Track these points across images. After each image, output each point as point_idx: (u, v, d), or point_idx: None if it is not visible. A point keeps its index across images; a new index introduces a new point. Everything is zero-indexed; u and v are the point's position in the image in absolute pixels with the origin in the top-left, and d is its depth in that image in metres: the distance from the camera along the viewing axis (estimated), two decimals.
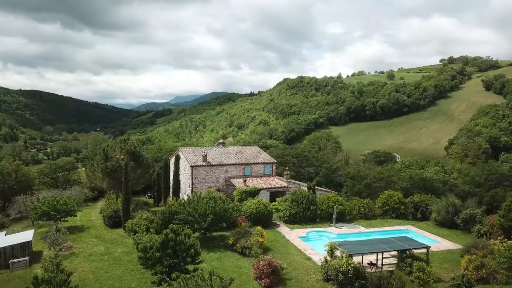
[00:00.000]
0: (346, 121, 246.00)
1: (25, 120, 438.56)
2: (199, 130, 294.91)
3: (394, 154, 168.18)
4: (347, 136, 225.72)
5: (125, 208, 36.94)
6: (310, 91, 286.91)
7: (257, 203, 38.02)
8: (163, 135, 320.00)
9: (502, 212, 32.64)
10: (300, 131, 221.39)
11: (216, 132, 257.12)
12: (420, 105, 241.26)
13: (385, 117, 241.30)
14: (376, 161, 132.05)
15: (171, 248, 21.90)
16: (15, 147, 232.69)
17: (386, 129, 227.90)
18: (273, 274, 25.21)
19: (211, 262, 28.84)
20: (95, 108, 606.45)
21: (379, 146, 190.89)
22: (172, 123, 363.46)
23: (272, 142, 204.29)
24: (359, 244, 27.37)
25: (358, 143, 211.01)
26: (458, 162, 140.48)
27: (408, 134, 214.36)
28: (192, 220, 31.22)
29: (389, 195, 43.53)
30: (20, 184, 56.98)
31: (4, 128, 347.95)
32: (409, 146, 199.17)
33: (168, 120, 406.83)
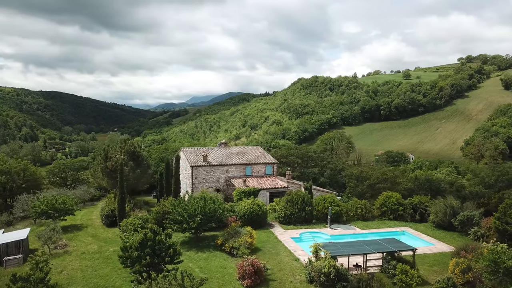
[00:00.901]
0: (361, 121, 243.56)
1: (45, 120, 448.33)
2: (214, 130, 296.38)
3: (408, 155, 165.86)
4: (361, 136, 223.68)
5: (121, 207, 37.45)
6: (324, 91, 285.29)
7: (251, 204, 38.01)
8: (178, 135, 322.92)
9: (497, 215, 31.86)
10: (313, 131, 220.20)
11: (229, 132, 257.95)
12: (436, 105, 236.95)
13: (400, 117, 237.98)
14: (389, 162, 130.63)
15: (150, 247, 22.11)
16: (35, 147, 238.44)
17: (401, 129, 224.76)
18: (255, 275, 25.23)
19: (198, 262, 29.04)
20: (113, 108, 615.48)
21: (394, 146, 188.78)
22: (187, 123, 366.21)
23: (285, 142, 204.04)
24: (344, 245, 27.11)
25: (372, 143, 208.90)
26: (473, 162, 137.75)
27: (423, 134, 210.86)
28: (181, 220, 31.43)
29: (387, 196, 42.99)
30: (28, 183, 58.48)
31: (24, 128, 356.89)
32: (424, 146, 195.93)
33: (183, 121, 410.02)
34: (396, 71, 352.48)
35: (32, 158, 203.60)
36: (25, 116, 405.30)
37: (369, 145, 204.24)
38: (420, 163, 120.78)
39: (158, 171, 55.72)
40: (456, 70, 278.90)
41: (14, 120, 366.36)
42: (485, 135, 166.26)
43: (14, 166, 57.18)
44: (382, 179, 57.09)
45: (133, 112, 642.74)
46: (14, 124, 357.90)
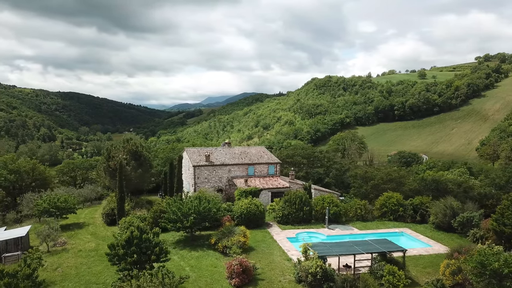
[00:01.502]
0: (374, 121, 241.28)
1: (62, 120, 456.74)
2: (227, 131, 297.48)
3: (421, 155, 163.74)
4: (374, 137, 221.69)
5: (120, 206, 38.01)
6: (337, 90, 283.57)
7: (249, 203, 38.15)
8: (192, 135, 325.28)
9: (495, 216, 31.23)
10: (326, 131, 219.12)
11: (242, 133, 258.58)
12: (452, 105, 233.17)
13: (415, 117, 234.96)
14: (401, 162, 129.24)
15: (136, 245, 22.41)
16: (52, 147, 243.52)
17: (415, 129, 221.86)
18: (243, 274, 25.30)
19: (189, 260, 29.29)
20: (129, 109, 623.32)
21: (407, 146, 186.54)
22: (201, 123, 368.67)
23: (297, 143, 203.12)
24: (334, 245, 26.94)
25: (386, 143, 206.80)
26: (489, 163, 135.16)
27: (438, 134, 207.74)
28: (175, 219, 31.74)
29: (387, 197, 42.58)
30: (37, 182, 59.70)
31: (43, 128, 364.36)
32: (438, 147, 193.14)
33: (198, 121, 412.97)
34: (412, 71, 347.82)
35: (50, 157, 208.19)
36: (43, 116, 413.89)
37: (382, 146, 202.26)
38: (432, 164, 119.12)
39: (163, 171, 56.33)
40: (473, 69, 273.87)
41: (33, 121, 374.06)
42: (501, 135, 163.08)
43: (23, 165, 58.45)
44: (387, 179, 56.54)
45: (149, 112, 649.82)
46: (33, 125, 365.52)
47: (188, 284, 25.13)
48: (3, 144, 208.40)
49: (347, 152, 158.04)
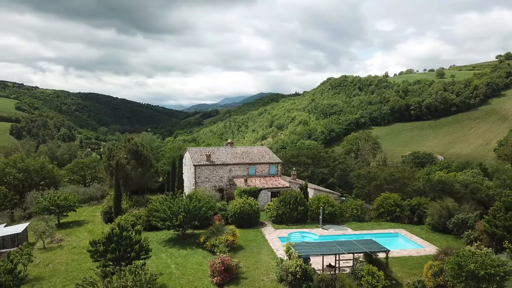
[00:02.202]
0: (390, 121, 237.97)
1: (82, 121, 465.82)
2: (241, 131, 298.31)
3: (437, 156, 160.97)
4: (390, 137, 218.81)
5: (117, 204, 38.73)
6: (353, 90, 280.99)
7: (243, 203, 38.38)
8: (208, 135, 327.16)
9: (487, 217, 30.62)
10: (340, 132, 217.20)
11: (256, 133, 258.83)
12: (470, 104, 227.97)
13: (432, 117, 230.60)
14: (415, 163, 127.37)
15: (115, 242, 22.88)
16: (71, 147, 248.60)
17: (431, 129, 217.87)
18: (225, 272, 25.53)
19: (176, 258, 29.69)
20: (147, 109, 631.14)
21: (423, 147, 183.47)
22: (217, 123, 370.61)
23: (310, 143, 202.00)
24: (317, 245, 26.91)
25: (401, 144, 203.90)
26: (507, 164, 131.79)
27: (455, 135, 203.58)
28: (165, 217, 32.19)
29: (385, 197, 42.18)
30: (45, 180, 61.16)
31: (63, 128, 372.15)
32: (455, 147, 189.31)
33: (214, 121, 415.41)
34: (430, 70, 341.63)
35: (69, 157, 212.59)
36: (63, 117, 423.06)
37: (398, 146, 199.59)
38: (446, 164, 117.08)
39: (166, 170, 57.13)
40: (492, 68, 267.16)
41: (53, 121, 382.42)
42: None
43: (32, 164, 60.02)
44: (390, 180, 55.93)
45: (166, 112, 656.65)
46: (53, 125, 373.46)
47: (171, 282, 25.56)
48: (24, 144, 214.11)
49: (360, 153, 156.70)
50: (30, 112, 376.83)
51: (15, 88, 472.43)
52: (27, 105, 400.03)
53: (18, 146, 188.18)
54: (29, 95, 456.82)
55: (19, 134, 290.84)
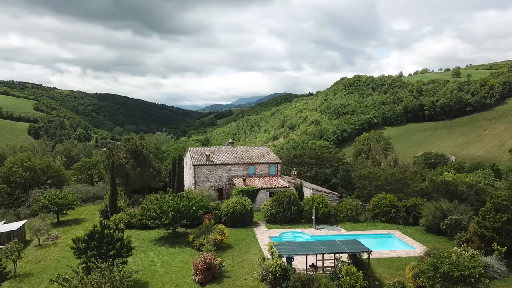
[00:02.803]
0: (403, 121, 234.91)
1: (98, 121, 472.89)
2: (254, 131, 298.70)
3: (449, 157, 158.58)
4: (403, 137, 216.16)
5: (112, 203, 39.38)
6: (366, 90, 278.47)
7: (236, 202, 38.57)
8: (221, 135, 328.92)
9: (477, 219, 30.15)
10: (353, 132, 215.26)
11: (268, 133, 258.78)
12: (486, 104, 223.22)
13: (446, 117, 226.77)
14: (427, 164, 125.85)
15: (97, 240, 23.35)
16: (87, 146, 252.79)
17: (445, 130, 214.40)
18: (207, 271, 25.77)
19: (163, 256, 30.08)
20: (162, 109, 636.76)
21: (437, 147, 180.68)
22: (230, 124, 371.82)
23: (322, 143, 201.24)
24: (299, 245, 26.95)
25: (414, 144, 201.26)
26: None
27: (469, 135, 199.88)
28: (155, 216, 32.62)
29: (380, 198, 41.85)
30: (52, 179, 62.46)
31: (79, 129, 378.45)
32: (469, 148, 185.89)
33: (227, 121, 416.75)
34: (446, 69, 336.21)
35: (84, 156, 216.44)
36: (80, 117, 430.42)
37: (410, 146, 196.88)
38: (457, 165, 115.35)
39: (169, 170, 57.70)
40: (510, 67, 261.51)
41: (70, 121, 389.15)
42: None
43: (38, 163, 61.36)
44: (391, 180, 55.42)
45: (181, 113, 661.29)
46: (70, 125, 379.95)
47: (153, 279, 25.94)
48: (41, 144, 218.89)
49: (371, 153, 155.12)
50: (47, 112, 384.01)
51: (34, 89, 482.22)
52: (45, 106, 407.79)
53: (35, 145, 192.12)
54: (47, 95, 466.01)
55: (37, 134, 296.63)
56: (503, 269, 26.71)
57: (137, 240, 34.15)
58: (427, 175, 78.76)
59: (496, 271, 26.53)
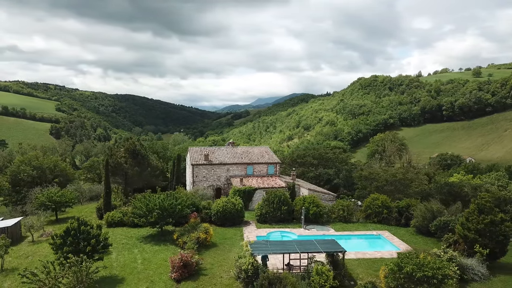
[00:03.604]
0: (420, 122, 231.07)
1: (118, 121, 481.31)
2: (269, 131, 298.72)
3: (466, 158, 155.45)
4: (419, 138, 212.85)
5: (106, 201, 40.31)
6: (383, 90, 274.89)
7: (226, 202, 38.90)
8: (237, 136, 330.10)
9: (461, 220, 29.60)
10: (368, 132, 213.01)
11: (283, 133, 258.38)
12: (507, 104, 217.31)
13: (465, 118, 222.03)
14: (441, 165, 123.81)
15: (73, 236, 24.02)
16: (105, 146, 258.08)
17: (464, 130, 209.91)
18: (184, 268, 26.14)
19: (146, 254, 30.63)
20: (180, 110, 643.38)
21: (454, 149, 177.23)
22: (246, 124, 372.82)
23: (336, 144, 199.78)
24: (274, 244, 27.07)
25: (431, 145, 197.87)
26: None
27: (489, 136, 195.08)
28: (142, 214, 33.24)
29: (373, 199, 41.48)
30: (59, 178, 64.11)
31: (99, 129, 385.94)
32: (488, 149, 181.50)
33: (244, 122, 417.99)
34: (466, 69, 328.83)
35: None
36: (100, 117, 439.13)
37: (427, 147, 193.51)
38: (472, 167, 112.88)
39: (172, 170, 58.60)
40: None
41: (90, 122, 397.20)
42: None
43: (45, 162, 63.10)
44: (392, 181, 54.79)
45: (199, 113, 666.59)
46: (90, 125, 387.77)
47: (130, 275, 26.49)
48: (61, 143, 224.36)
49: (385, 154, 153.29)
50: (69, 113, 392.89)
51: (57, 90, 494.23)
52: (67, 107, 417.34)
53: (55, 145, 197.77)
54: (69, 96, 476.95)
55: (58, 134, 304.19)
56: (483, 272, 26.20)
57: (126, 238, 34.94)
58: (438, 176, 77.65)
59: (476, 273, 26.05)
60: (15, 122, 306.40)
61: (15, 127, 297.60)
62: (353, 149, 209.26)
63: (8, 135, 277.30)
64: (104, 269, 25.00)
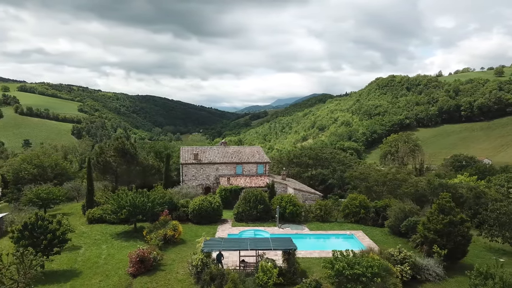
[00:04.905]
0: (437, 122, 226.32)
1: (138, 122, 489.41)
2: (285, 132, 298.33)
3: (482, 160, 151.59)
4: (436, 139, 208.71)
5: (88, 198, 41.49)
6: (400, 90, 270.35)
7: (202, 200, 39.44)
8: (253, 136, 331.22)
9: (423, 220, 29.24)
10: (383, 133, 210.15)
11: (298, 134, 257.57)
12: None
13: (484, 118, 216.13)
14: (454, 166, 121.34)
15: (29, 231, 25.01)
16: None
17: (483, 131, 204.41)
18: (140, 263, 26.79)
19: (112, 249, 31.53)
20: (200, 111, 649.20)
21: (472, 150, 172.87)
22: (263, 125, 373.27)
23: (350, 144, 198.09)
24: (228, 242, 27.47)
25: (447, 146, 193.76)
26: None
27: (509, 137, 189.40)
28: (113, 210, 34.15)
29: (352, 198, 41.28)
30: (59, 176, 66.02)
31: (119, 129, 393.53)
32: (507, 150, 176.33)
33: (261, 122, 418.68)
34: (489, 68, 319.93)
35: None
36: (120, 118, 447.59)
37: (443, 148, 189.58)
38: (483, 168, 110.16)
39: None
40: None
41: (111, 122, 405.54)
42: None
43: (46, 161, 65.12)
44: (382, 181, 54.25)
45: (219, 114, 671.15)
46: (111, 126, 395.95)
47: (88, 270, 27.36)
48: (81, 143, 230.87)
49: (397, 155, 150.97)
50: (91, 113, 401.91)
51: (80, 91, 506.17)
52: (89, 107, 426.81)
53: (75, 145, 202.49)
54: (91, 97, 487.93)
55: (79, 134, 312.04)
56: (438, 272, 25.88)
57: (101, 234, 35.95)
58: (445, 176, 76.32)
59: (431, 273, 25.76)
60: (39, 122, 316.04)
61: (39, 127, 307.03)
62: (367, 150, 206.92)
63: (32, 135, 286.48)
64: (51, 262, 26.05)
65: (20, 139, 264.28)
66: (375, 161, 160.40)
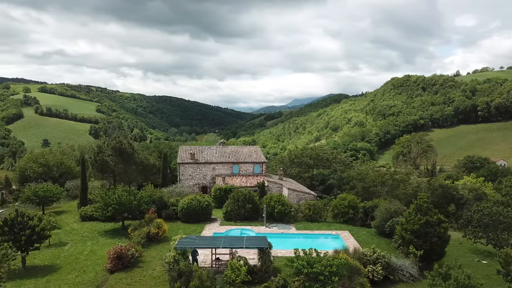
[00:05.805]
0: (453, 123, 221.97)
1: (155, 122, 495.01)
2: (298, 132, 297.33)
3: (498, 161, 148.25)
4: (452, 140, 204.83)
5: (82, 196, 42.44)
6: (415, 90, 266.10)
7: (191, 199, 39.89)
8: (267, 136, 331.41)
9: (401, 220, 28.94)
10: (396, 133, 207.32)
11: (311, 134, 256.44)
12: None
13: (502, 119, 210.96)
14: (467, 167, 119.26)
15: (9, 227, 25.85)
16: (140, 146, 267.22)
17: (500, 132, 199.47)
18: (117, 260, 27.35)
19: (96, 246, 32.29)
20: (216, 111, 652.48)
21: (488, 151, 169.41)
22: (277, 125, 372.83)
23: (363, 145, 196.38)
24: (203, 240, 27.80)
25: (463, 147, 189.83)
26: None
27: None
28: (100, 208, 34.91)
29: (341, 198, 41.14)
30: (65, 175, 67.54)
31: (136, 129, 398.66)
32: None
33: (276, 123, 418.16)
34: (508, 67, 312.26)
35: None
36: (137, 118, 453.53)
37: (459, 149, 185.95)
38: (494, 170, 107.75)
39: None
40: None
41: (127, 122, 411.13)
42: None
43: (51, 160, 66.73)
44: (379, 182, 53.81)
45: (235, 114, 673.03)
46: (127, 126, 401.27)
47: (68, 265, 28.05)
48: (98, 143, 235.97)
49: (409, 156, 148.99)
50: (108, 114, 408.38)
51: (98, 92, 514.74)
52: (106, 108, 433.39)
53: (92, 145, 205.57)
54: (109, 98, 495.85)
55: (97, 134, 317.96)
56: (413, 273, 25.65)
57: (89, 231, 36.80)
58: None
59: (405, 274, 25.54)
60: (57, 122, 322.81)
61: (58, 127, 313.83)
62: (380, 150, 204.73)
63: (51, 135, 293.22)
64: (34, 258, 26.77)
65: (40, 139, 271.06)
66: (388, 162, 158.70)
